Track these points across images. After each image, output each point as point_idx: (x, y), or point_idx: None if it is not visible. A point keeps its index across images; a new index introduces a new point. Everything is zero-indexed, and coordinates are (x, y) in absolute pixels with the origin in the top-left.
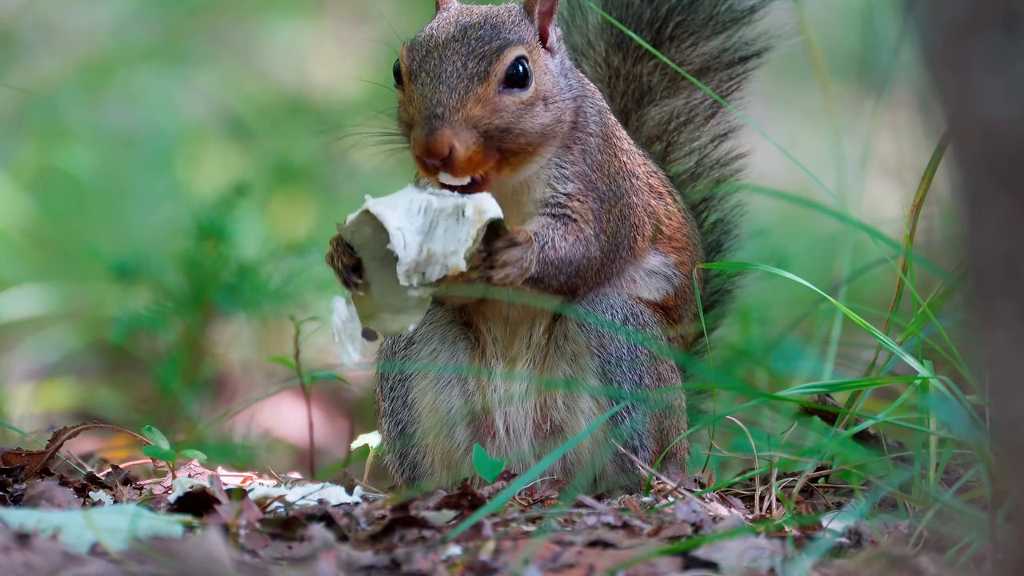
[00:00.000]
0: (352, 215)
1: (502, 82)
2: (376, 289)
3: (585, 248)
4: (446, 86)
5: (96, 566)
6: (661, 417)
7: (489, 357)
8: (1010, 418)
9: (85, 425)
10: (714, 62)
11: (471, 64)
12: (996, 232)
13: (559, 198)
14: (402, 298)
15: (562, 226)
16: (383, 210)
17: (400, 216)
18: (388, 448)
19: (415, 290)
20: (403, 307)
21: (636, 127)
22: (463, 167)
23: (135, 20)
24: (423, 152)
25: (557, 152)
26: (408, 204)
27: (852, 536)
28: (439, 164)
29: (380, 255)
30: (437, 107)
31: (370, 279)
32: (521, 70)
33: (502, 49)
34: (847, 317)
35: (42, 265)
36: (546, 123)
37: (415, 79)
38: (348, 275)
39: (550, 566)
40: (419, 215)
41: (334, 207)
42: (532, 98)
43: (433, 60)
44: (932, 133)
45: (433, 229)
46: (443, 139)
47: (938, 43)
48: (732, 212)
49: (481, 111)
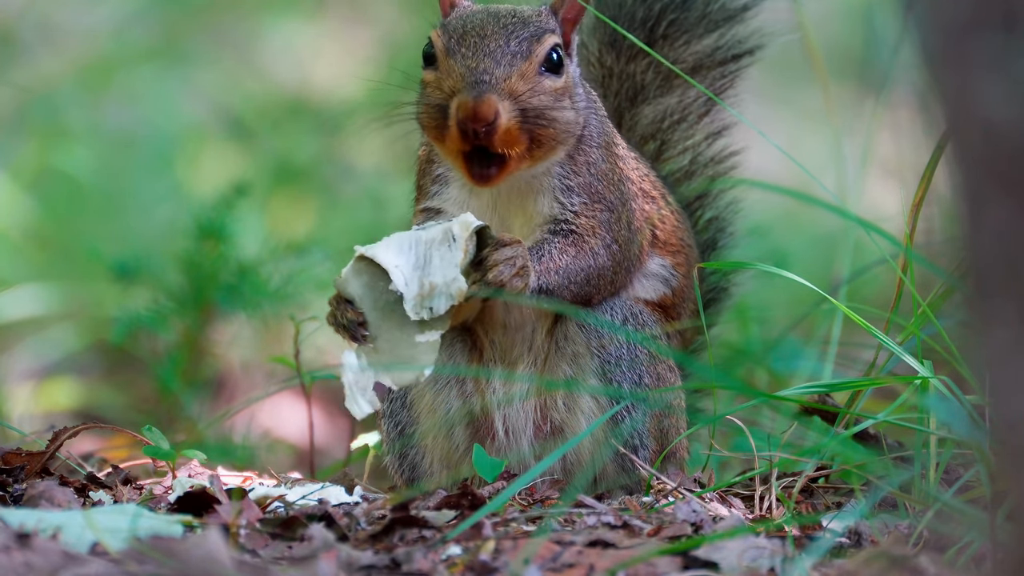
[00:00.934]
0: (347, 267)
1: (542, 64)
2: (383, 341)
3: (591, 259)
4: (491, 58)
5: (96, 566)
6: (661, 417)
7: (487, 360)
8: (1010, 418)
9: (85, 425)
10: (707, 60)
11: (513, 43)
12: (996, 232)
13: (566, 215)
14: (412, 345)
15: (561, 239)
16: (376, 252)
17: (393, 255)
18: (388, 449)
19: (423, 335)
20: (415, 354)
21: (630, 126)
22: (502, 138)
23: (135, 20)
24: (469, 114)
25: (562, 161)
26: (398, 243)
27: (852, 536)
28: (481, 131)
29: (381, 304)
30: (483, 74)
31: (376, 333)
32: (556, 57)
33: (541, 34)
34: (847, 317)
35: (42, 265)
36: (570, 119)
37: (453, 55)
38: (355, 330)
39: (550, 566)
40: (411, 251)
41: (334, 207)
42: (564, 88)
43: (472, 37)
44: (932, 133)
45: (428, 262)
46: (490, 102)
47: (938, 43)
48: (726, 210)
49: (524, 86)
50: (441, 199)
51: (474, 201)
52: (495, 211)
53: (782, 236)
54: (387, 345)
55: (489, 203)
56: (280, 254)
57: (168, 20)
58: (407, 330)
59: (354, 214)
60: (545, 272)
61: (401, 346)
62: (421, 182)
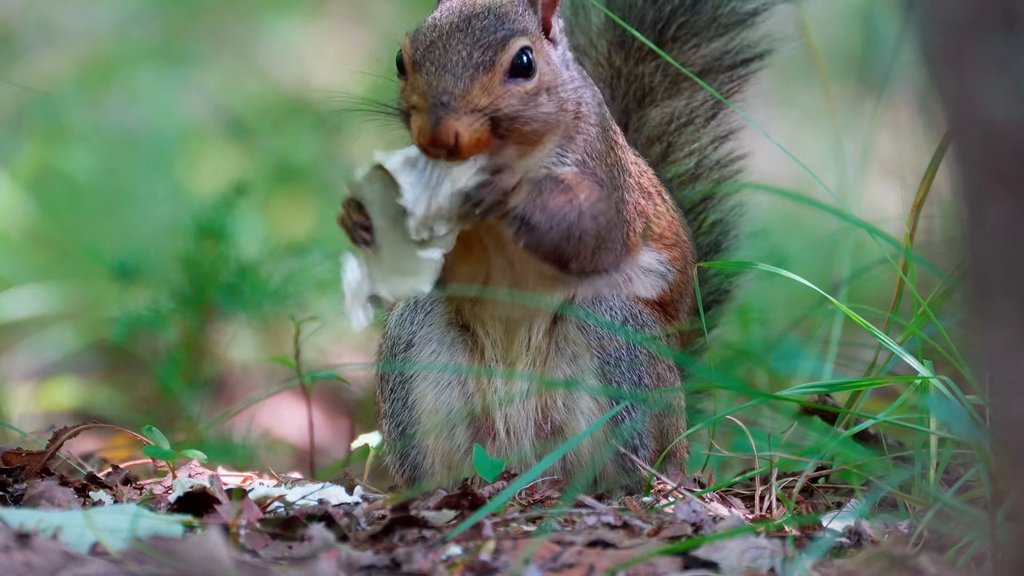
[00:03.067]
0: (362, 170)
1: (507, 72)
2: (386, 251)
3: (576, 215)
4: (451, 75)
5: (96, 566)
6: (661, 417)
7: (488, 359)
8: (1010, 418)
9: (85, 425)
10: (716, 64)
11: (476, 54)
12: (996, 232)
13: (553, 173)
14: (413, 260)
15: (553, 185)
16: (394, 165)
17: (407, 170)
18: (388, 449)
19: (425, 252)
20: (414, 269)
21: (637, 128)
22: (471, 148)
23: (136, 20)
24: (428, 142)
25: (560, 142)
26: (416, 157)
27: (852, 536)
28: (443, 153)
29: (390, 214)
30: (442, 95)
31: (380, 241)
32: (525, 60)
33: (507, 40)
34: (847, 317)
35: (42, 265)
36: (550, 112)
37: (419, 68)
38: (358, 232)
39: (550, 566)
40: (425, 169)
41: (334, 207)
42: (536, 88)
43: (437, 50)
44: (932, 133)
45: (439, 183)
46: (448, 129)
47: (938, 43)
48: (731, 213)
49: (487, 100)
50: None
51: None
52: None
53: (783, 236)
54: (390, 255)
55: None
56: (280, 254)
57: (168, 20)
58: (411, 244)
59: None
60: (533, 205)
61: (403, 259)
62: None
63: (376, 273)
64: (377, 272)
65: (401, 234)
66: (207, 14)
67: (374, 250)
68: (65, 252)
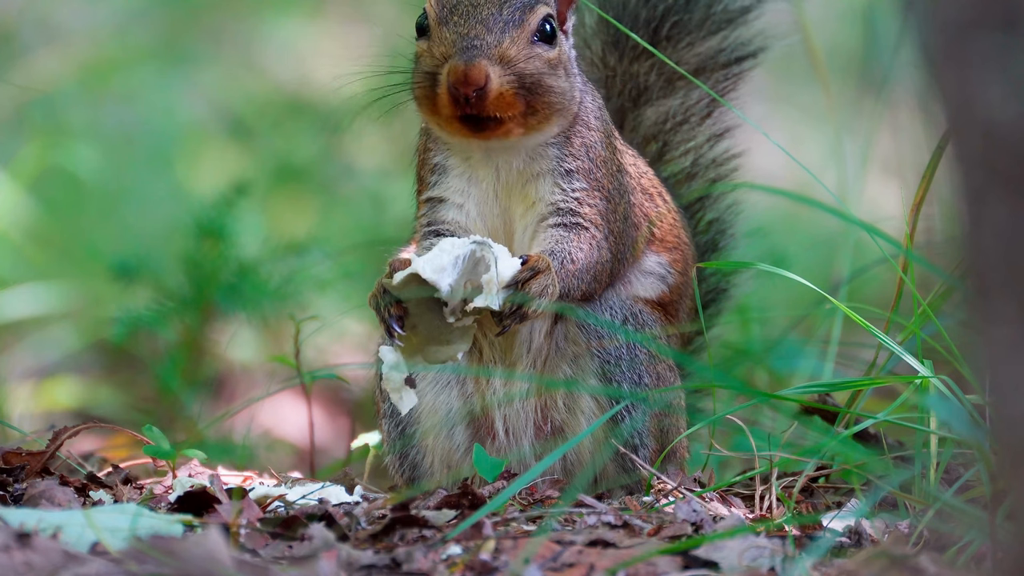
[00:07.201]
0: (400, 274)
1: (534, 33)
2: (423, 328)
3: (598, 253)
4: (483, 25)
5: (96, 565)
6: (661, 416)
7: (487, 360)
8: (1010, 418)
9: (85, 424)
10: (710, 62)
11: (506, 11)
12: (996, 232)
13: (569, 203)
14: (448, 330)
15: (575, 236)
16: (435, 277)
17: (446, 272)
18: (388, 449)
19: (459, 321)
20: (450, 338)
21: (632, 127)
22: (494, 102)
23: (135, 20)
24: (460, 78)
25: (558, 142)
26: (452, 258)
27: (852, 536)
28: (472, 96)
29: (426, 300)
30: (474, 40)
31: (416, 322)
32: (549, 28)
33: (535, 4)
34: (847, 316)
35: (42, 264)
36: (564, 88)
37: (445, 23)
38: (393, 324)
39: (550, 565)
40: (461, 264)
41: (334, 206)
42: (556, 60)
43: (465, 6)
44: (932, 133)
45: (475, 268)
46: (480, 66)
47: (938, 43)
48: (727, 211)
49: (515, 52)
50: (441, 189)
51: (474, 189)
52: (496, 200)
53: (782, 236)
54: (425, 330)
55: (490, 191)
56: (280, 253)
57: (168, 20)
58: (445, 316)
59: (354, 213)
60: (564, 276)
61: (437, 330)
62: (421, 173)
63: (411, 349)
64: (412, 347)
65: (438, 312)
66: (207, 14)
67: (409, 330)
68: (65, 251)
